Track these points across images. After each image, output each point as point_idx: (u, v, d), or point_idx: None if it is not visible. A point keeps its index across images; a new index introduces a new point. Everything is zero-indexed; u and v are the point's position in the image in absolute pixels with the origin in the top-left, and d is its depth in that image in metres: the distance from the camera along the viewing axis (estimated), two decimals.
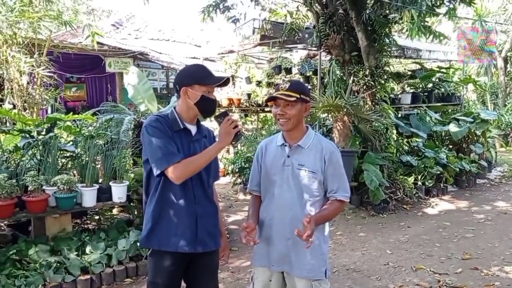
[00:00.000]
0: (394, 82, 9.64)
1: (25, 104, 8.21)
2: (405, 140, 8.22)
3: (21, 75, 7.97)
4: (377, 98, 7.15)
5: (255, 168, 2.58)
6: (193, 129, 2.43)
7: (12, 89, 8.06)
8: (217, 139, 2.35)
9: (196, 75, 2.37)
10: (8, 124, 7.21)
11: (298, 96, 2.32)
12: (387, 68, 7.57)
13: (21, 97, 8.13)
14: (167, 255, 2.35)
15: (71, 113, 5.21)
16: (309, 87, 9.22)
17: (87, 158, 4.73)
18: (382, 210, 6.59)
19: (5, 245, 4.33)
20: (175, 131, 2.35)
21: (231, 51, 9.94)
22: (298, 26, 8.36)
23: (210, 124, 5.19)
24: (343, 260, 4.82)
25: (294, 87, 2.36)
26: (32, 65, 7.60)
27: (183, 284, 2.53)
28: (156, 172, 2.27)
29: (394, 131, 7.39)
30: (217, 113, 2.37)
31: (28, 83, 8.10)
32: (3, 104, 8.32)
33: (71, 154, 5.00)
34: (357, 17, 6.92)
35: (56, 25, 8.37)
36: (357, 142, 6.85)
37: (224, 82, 2.41)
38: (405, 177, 7.31)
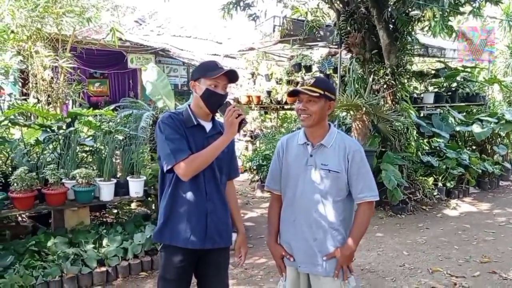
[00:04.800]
0: (416, 81, 9.51)
1: (49, 99, 8.39)
2: (426, 140, 8.08)
3: (44, 70, 8.14)
4: (397, 97, 7.04)
5: (276, 166, 2.54)
6: (207, 125, 2.43)
7: (36, 83, 8.24)
8: None
9: (202, 69, 2.38)
10: (32, 118, 7.39)
11: (322, 92, 2.29)
12: (409, 67, 7.44)
13: (45, 92, 8.30)
14: (177, 250, 2.37)
15: (91, 108, 5.28)
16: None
17: (105, 153, 4.79)
18: (400, 211, 6.50)
19: (25, 236, 4.43)
20: (189, 127, 2.36)
21: (251, 49, 9.93)
22: (319, 24, 8.29)
23: None
24: (358, 260, 4.77)
25: (319, 83, 2.34)
26: (55, 60, 7.72)
27: (194, 279, 2.55)
28: (165, 168, 2.29)
29: (415, 131, 7.25)
30: (226, 104, 2.34)
31: (51, 78, 8.27)
32: (28, 99, 8.52)
33: (90, 148, 5.08)
34: (379, 15, 6.83)
35: (79, 22, 8.47)
36: (376, 142, 6.77)
37: (232, 76, 2.39)
38: (425, 178, 7.20)
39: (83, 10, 8.45)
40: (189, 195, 2.35)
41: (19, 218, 5.24)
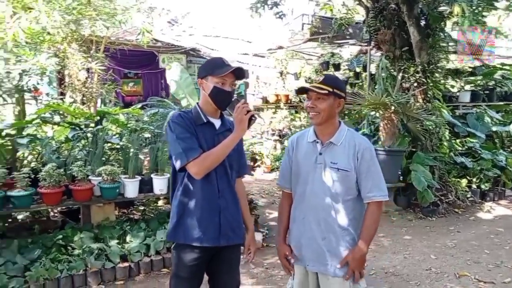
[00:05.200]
0: (452, 79, 9.22)
1: (84, 98, 8.62)
2: (460, 140, 7.81)
3: (79, 71, 8.37)
4: (429, 95, 6.85)
5: (286, 164, 2.52)
6: (216, 122, 2.42)
7: (72, 84, 8.49)
8: None
9: (209, 67, 2.37)
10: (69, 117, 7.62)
11: (331, 89, 2.26)
12: (441, 64, 7.23)
13: (79, 92, 8.54)
14: (191, 248, 2.36)
15: (118, 107, 5.39)
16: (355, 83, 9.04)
17: (130, 151, 4.88)
18: (430, 213, 6.31)
19: (53, 231, 4.56)
20: (199, 125, 2.36)
21: (280, 47, 9.90)
22: (348, 21, 8.17)
23: None
24: (383, 262, 4.67)
25: (328, 80, 2.31)
26: (88, 61, 7.92)
27: (205, 276, 2.55)
28: (177, 167, 2.30)
29: (447, 131, 7.02)
30: (235, 100, 2.33)
31: (86, 78, 8.49)
32: (64, 98, 8.79)
33: (116, 146, 5.19)
34: (409, 11, 6.68)
35: (112, 24, 8.67)
36: (406, 142, 6.60)
37: (239, 73, 2.38)
38: (458, 180, 6.97)
39: (115, 12, 8.64)
40: (202, 192, 2.35)
41: (51, 213, 5.41)
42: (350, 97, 6.80)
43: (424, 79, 6.73)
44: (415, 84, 6.79)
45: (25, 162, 4.89)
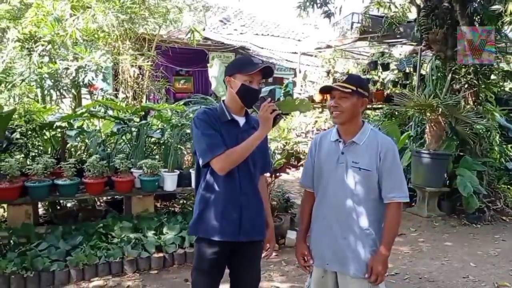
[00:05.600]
0: (509, 81, 8.77)
1: (135, 94, 8.99)
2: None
3: (132, 67, 8.73)
4: (480, 98, 6.57)
5: (309, 163, 2.53)
6: (241, 120, 2.45)
7: (124, 80, 8.87)
8: None
9: (238, 65, 2.40)
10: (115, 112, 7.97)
11: (355, 88, 2.25)
12: (496, 66, 6.91)
13: (131, 88, 8.91)
14: (212, 243, 2.41)
15: (163, 103, 5.57)
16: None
17: (171, 145, 5.04)
18: (476, 220, 6.05)
19: (96, 220, 4.80)
20: (223, 122, 2.40)
21: (329, 46, 9.81)
22: (399, 20, 7.97)
23: None
24: (418, 268, 4.55)
25: (351, 79, 2.31)
26: (138, 59, 8.23)
27: (226, 270, 2.60)
28: (201, 163, 2.35)
29: (498, 135, 6.70)
30: (261, 99, 2.36)
31: (137, 75, 8.84)
32: (118, 94, 9.20)
33: (158, 140, 5.38)
34: (462, 9, 6.44)
35: (163, 22, 8.97)
36: (453, 145, 6.37)
37: (267, 72, 2.40)
38: (509, 187, 6.63)
39: (167, 11, 8.92)
40: (224, 188, 2.39)
41: (98, 203, 5.70)
42: (398, 98, 6.65)
43: (475, 81, 6.46)
44: (466, 86, 6.53)
45: (74, 153, 5.18)
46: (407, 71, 8.56)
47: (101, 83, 9.55)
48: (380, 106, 9.05)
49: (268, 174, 5.61)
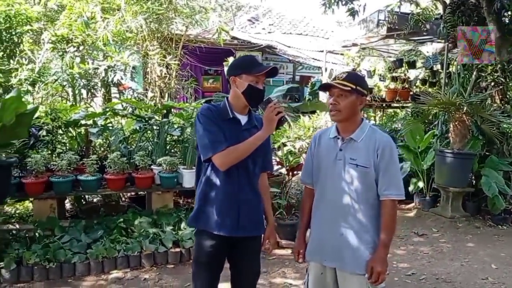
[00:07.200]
0: None
1: (162, 93, 9.18)
2: None
3: (159, 66, 8.92)
4: (508, 96, 6.38)
5: (308, 159, 2.56)
6: (243, 119, 2.50)
7: (152, 79, 9.08)
8: None
9: (244, 65, 2.44)
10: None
11: (354, 86, 2.27)
12: None
13: (159, 87, 9.11)
14: (210, 236, 2.47)
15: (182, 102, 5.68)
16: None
17: (190, 143, 5.15)
18: (501, 221, 5.90)
19: (116, 214, 4.96)
20: (225, 119, 2.45)
21: (354, 44, 9.71)
22: (425, 17, 7.82)
23: None
24: (436, 268, 4.48)
25: (351, 77, 2.32)
26: (164, 57, 8.40)
27: (226, 264, 2.67)
28: (202, 158, 2.42)
29: None
30: (268, 100, 2.37)
31: (164, 74, 9.03)
32: (147, 93, 9.43)
33: (178, 138, 5.50)
34: (489, 6, 6.29)
35: (189, 23, 9.13)
36: (478, 145, 6.22)
37: (272, 72, 2.45)
38: None
39: (193, 12, 9.06)
40: (223, 185, 2.45)
41: (122, 198, 5.89)
42: (423, 97, 6.55)
43: (502, 79, 6.29)
44: (493, 84, 6.36)
45: (98, 150, 5.38)
46: (434, 69, 8.39)
47: (131, 82, 9.84)
48: (408, 104, 8.91)
49: (285, 171, 5.67)
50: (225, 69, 5.66)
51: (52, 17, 7.44)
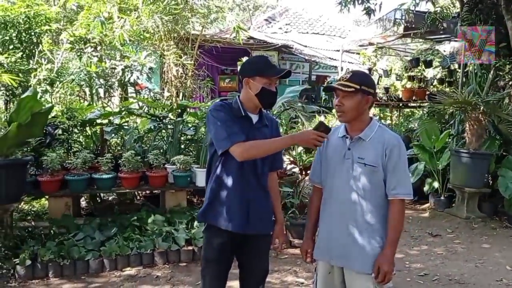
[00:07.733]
0: None
1: (178, 93, 9.27)
2: None
3: (176, 66, 9.01)
4: None
5: (317, 158, 2.56)
6: (254, 117, 2.52)
7: (169, 79, 9.17)
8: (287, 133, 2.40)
9: (258, 67, 2.46)
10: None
11: (358, 87, 2.26)
12: None
13: (175, 87, 9.20)
14: (219, 231, 2.50)
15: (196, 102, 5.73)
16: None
17: (204, 142, 5.19)
18: None
19: (130, 212, 5.03)
20: (237, 117, 2.46)
21: (371, 43, 9.64)
22: (442, 16, 7.73)
23: None
24: (450, 269, 4.44)
25: (355, 77, 2.31)
26: (180, 57, 8.47)
27: (235, 263, 2.69)
28: (219, 151, 2.41)
29: None
30: (320, 125, 2.34)
31: (180, 74, 9.11)
32: (164, 92, 9.53)
33: (192, 137, 5.55)
34: (507, 4, 6.20)
35: (205, 23, 9.19)
36: (496, 145, 6.12)
37: (285, 75, 2.46)
38: None
39: (209, 12, 9.13)
40: (232, 182, 2.47)
41: (137, 197, 5.97)
42: (439, 96, 6.47)
43: None
44: (511, 83, 6.25)
45: (113, 149, 5.46)
46: (452, 68, 8.27)
47: (148, 82, 9.95)
48: (425, 104, 8.81)
49: (298, 170, 5.67)
50: (240, 69, 5.67)
51: (71, 18, 7.58)
